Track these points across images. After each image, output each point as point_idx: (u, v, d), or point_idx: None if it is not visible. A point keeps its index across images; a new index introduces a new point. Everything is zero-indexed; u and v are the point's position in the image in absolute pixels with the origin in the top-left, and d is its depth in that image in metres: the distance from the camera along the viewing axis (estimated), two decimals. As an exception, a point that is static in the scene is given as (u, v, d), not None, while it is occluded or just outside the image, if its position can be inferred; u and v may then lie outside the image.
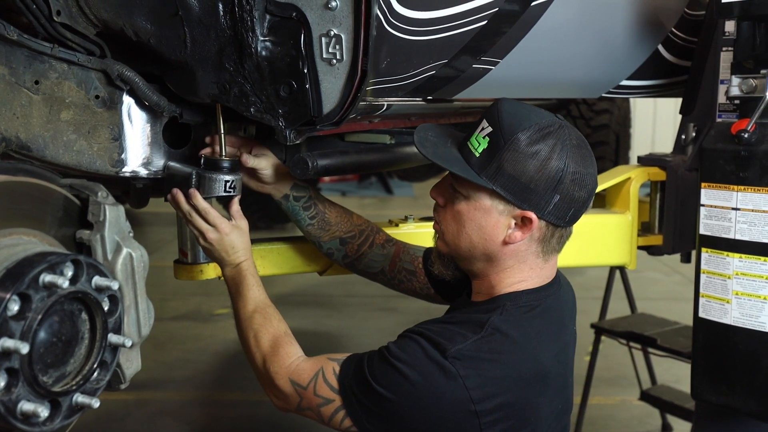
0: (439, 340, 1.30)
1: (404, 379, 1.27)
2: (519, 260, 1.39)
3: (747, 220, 1.79)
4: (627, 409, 3.86)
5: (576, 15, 1.97)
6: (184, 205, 1.59)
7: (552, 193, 1.32)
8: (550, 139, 1.32)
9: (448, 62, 1.73)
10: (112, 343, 1.07)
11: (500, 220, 1.35)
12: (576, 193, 1.34)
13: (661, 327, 3.13)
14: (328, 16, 1.45)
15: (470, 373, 1.27)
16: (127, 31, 1.51)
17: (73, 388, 1.03)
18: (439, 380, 1.26)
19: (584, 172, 1.35)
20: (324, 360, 1.41)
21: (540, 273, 1.42)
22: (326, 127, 1.56)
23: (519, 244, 1.37)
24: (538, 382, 1.34)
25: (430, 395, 1.27)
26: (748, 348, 1.80)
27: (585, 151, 1.37)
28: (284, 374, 1.43)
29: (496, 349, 1.30)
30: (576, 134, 1.38)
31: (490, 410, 1.28)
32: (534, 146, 1.31)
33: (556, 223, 1.37)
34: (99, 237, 1.11)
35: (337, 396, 1.35)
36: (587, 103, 4.04)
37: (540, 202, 1.33)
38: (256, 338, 1.51)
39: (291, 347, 1.48)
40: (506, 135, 1.32)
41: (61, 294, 0.98)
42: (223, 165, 1.61)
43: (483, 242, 1.37)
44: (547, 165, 1.31)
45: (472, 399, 1.26)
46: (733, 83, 1.87)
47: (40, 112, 1.53)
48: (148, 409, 3.91)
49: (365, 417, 1.33)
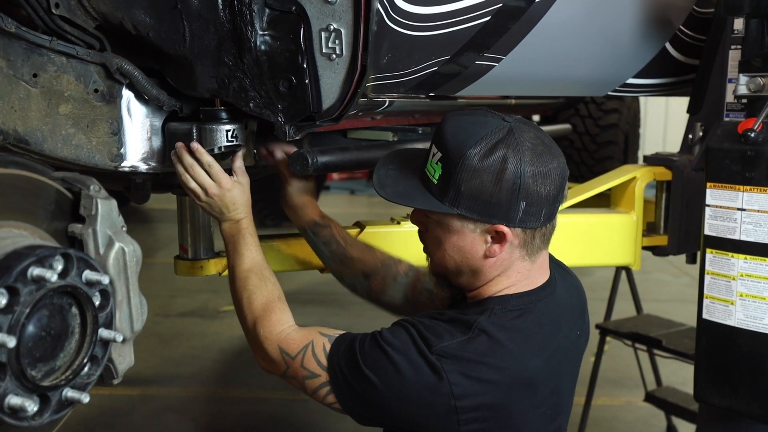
0: (428, 335, 1.31)
1: (392, 366, 1.29)
2: (505, 268, 1.39)
3: (753, 221, 1.76)
4: (632, 411, 3.83)
5: (581, 11, 1.95)
6: (187, 158, 1.54)
7: (517, 201, 1.30)
8: (500, 149, 1.30)
9: (451, 58, 1.71)
10: (103, 338, 1.06)
11: (475, 238, 1.35)
12: (543, 192, 1.32)
13: (667, 328, 3.11)
14: (327, 11, 1.44)
15: (453, 370, 1.28)
16: (126, 25, 1.50)
17: (63, 382, 1.02)
18: (424, 372, 1.28)
19: (545, 170, 1.32)
20: (315, 333, 1.41)
21: (528, 275, 1.41)
22: (326, 122, 1.55)
23: (501, 255, 1.36)
24: (522, 387, 1.33)
25: (413, 386, 1.28)
26: (752, 350, 1.78)
27: (542, 149, 1.33)
28: (274, 340, 1.44)
29: (481, 350, 1.30)
30: (529, 134, 1.33)
31: (470, 408, 1.29)
32: (485, 161, 1.29)
33: (532, 226, 1.35)
34: (91, 231, 1.10)
35: (323, 372, 1.36)
36: (596, 102, 4.01)
37: (508, 213, 1.32)
38: (249, 299, 1.52)
39: (283, 314, 1.49)
40: (455, 157, 1.31)
41: (50, 288, 0.97)
42: (222, 115, 1.57)
43: (465, 260, 1.38)
44: (503, 176, 1.29)
45: (453, 394, 1.27)
46: (741, 82, 1.84)
47: (39, 106, 1.52)
48: (154, 404, 3.92)
49: (349, 396, 1.35)
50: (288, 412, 3.84)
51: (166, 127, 1.64)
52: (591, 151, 4.04)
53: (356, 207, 9.99)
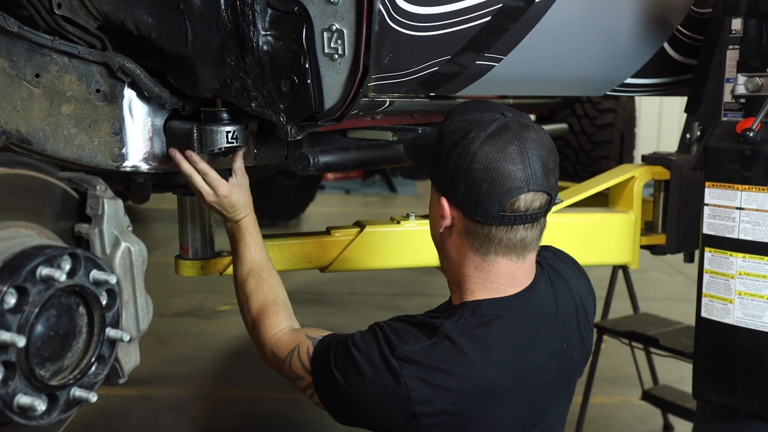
0: (393, 339, 1.31)
1: (355, 368, 1.31)
2: (459, 254, 1.37)
3: (751, 220, 1.77)
4: (629, 409, 3.84)
5: (581, 12, 1.96)
6: (185, 167, 1.58)
7: (460, 180, 1.29)
8: (477, 127, 1.29)
9: (452, 58, 1.72)
10: (110, 337, 1.07)
11: (437, 210, 1.37)
12: (482, 187, 1.27)
13: (664, 327, 3.12)
14: (330, 11, 1.44)
15: (412, 375, 1.27)
16: (128, 25, 1.51)
17: (71, 381, 1.02)
18: (384, 377, 1.29)
19: (501, 168, 1.26)
20: (302, 337, 1.46)
21: (491, 278, 1.36)
22: (328, 122, 1.55)
23: (453, 236, 1.35)
24: (485, 394, 1.31)
25: (373, 389, 1.30)
26: (751, 348, 1.79)
27: (513, 153, 1.27)
28: (266, 344, 1.51)
29: (443, 357, 1.29)
30: (517, 134, 1.28)
31: (429, 414, 1.28)
32: (453, 133, 1.32)
33: (472, 217, 1.31)
34: (97, 231, 1.10)
35: (306, 375, 1.40)
36: (592, 102, 4.03)
37: (450, 187, 1.31)
38: (247, 303, 1.57)
39: (275, 318, 1.53)
40: (443, 122, 1.37)
41: (58, 287, 0.97)
42: (223, 116, 1.59)
43: (433, 231, 1.43)
44: (456, 149, 1.29)
45: (411, 399, 1.27)
46: (739, 82, 1.85)
47: (41, 106, 1.52)
48: (151, 404, 3.92)
49: (327, 397, 1.38)
50: (285, 412, 3.84)
51: (167, 126, 1.64)
52: (587, 150, 4.06)
53: (351, 206, 9.99)
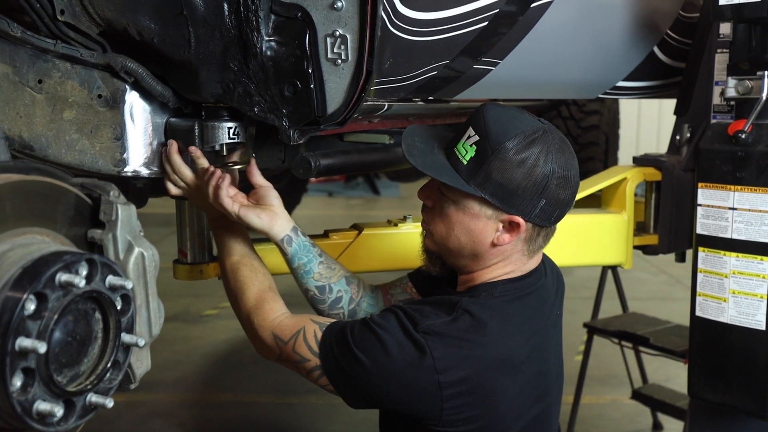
0: (414, 315, 1.37)
1: (379, 344, 1.34)
2: (504, 257, 1.45)
3: (744, 220, 1.81)
4: (618, 408, 3.89)
5: (574, 17, 1.99)
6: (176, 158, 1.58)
7: (539, 198, 1.37)
8: (535, 146, 1.36)
9: (450, 63, 1.74)
10: (124, 342, 1.07)
11: (488, 224, 1.41)
12: (561, 196, 1.40)
13: (653, 326, 3.16)
14: (333, 17, 1.45)
15: (437, 346, 1.33)
16: (130, 31, 1.51)
17: (88, 387, 1.02)
18: (409, 350, 1.33)
19: (568, 175, 1.40)
20: (307, 320, 1.47)
21: (522, 267, 1.48)
22: (330, 127, 1.56)
23: (507, 245, 1.43)
24: (504, 365, 1.39)
25: (399, 363, 1.33)
26: (745, 346, 1.82)
27: (568, 154, 1.41)
28: (267, 327, 1.49)
29: (464, 328, 1.36)
30: (559, 137, 1.41)
31: (453, 383, 1.34)
32: (521, 154, 1.36)
33: (541, 224, 1.43)
34: (111, 236, 1.10)
35: (313, 357, 1.41)
36: (577, 104, 4.07)
37: (527, 207, 1.38)
38: (242, 291, 1.56)
39: (275, 303, 1.53)
40: (493, 144, 1.36)
41: (76, 293, 0.97)
42: (224, 113, 1.59)
43: (472, 244, 1.43)
44: (533, 172, 1.36)
45: (436, 369, 1.32)
46: (729, 85, 1.89)
47: (43, 112, 1.52)
48: (139, 410, 3.90)
49: (340, 378, 1.40)
50: (275, 417, 3.84)
51: (168, 123, 1.64)
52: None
53: (334, 209, 9.99)
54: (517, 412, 1.42)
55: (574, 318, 3.88)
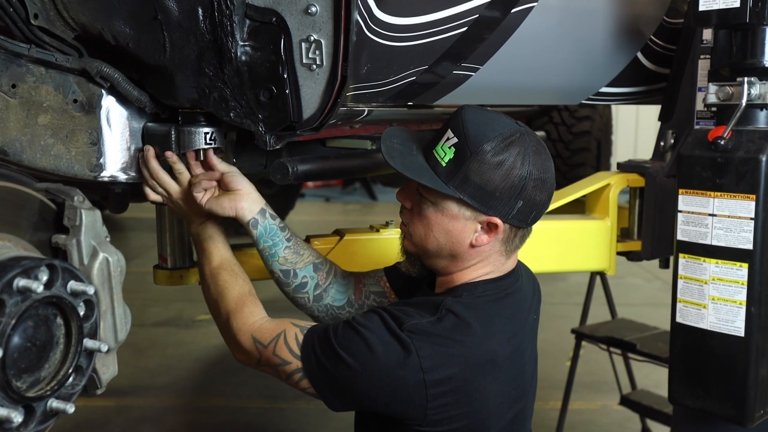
0: (399, 314, 1.38)
1: (364, 344, 1.34)
2: (482, 258, 1.47)
3: (723, 226, 1.80)
4: (607, 414, 3.88)
5: (556, 22, 1.99)
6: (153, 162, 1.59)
7: (516, 199, 1.40)
8: (513, 148, 1.38)
9: (429, 68, 1.74)
10: (87, 348, 1.07)
11: (467, 225, 1.43)
12: (538, 197, 1.42)
13: (641, 332, 3.16)
14: (308, 22, 1.45)
15: (423, 345, 1.34)
16: (105, 35, 1.51)
17: (48, 393, 1.02)
18: (395, 349, 1.34)
19: (545, 177, 1.42)
20: (287, 324, 1.46)
21: (500, 268, 1.50)
22: (306, 132, 1.56)
23: (485, 246, 1.45)
24: (488, 365, 1.40)
25: (384, 362, 1.33)
26: (725, 352, 1.81)
27: (544, 156, 1.43)
28: (247, 331, 1.48)
29: (449, 328, 1.37)
30: (536, 140, 1.43)
31: (438, 381, 1.34)
32: (498, 156, 1.37)
33: (518, 225, 1.45)
34: (75, 241, 1.10)
35: (294, 360, 1.40)
36: (569, 110, 4.06)
37: (505, 209, 1.40)
38: (221, 294, 1.55)
39: (255, 307, 1.52)
40: (472, 146, 1.38)
41: (35, 299, 0.97)
42: (201, 118, 1.59)
43: (450, 245, 1.45)
44: (511, 174, 1.38)
45: (422, 367, 1.33)
46: (710, 91, 1.88)
47: (17, 116, 1.52)
48: (129, 415, 3.89)
49: (323, 380, 1.39)
50: (265, 421, 3.83)
51: (144, 128, 1.64)
52: (564, 157, 4.09)
53: (331, 215, 9.99)
54: (498, 412, 1.44)
55: (567, 323, 3.87)
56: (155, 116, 1.65)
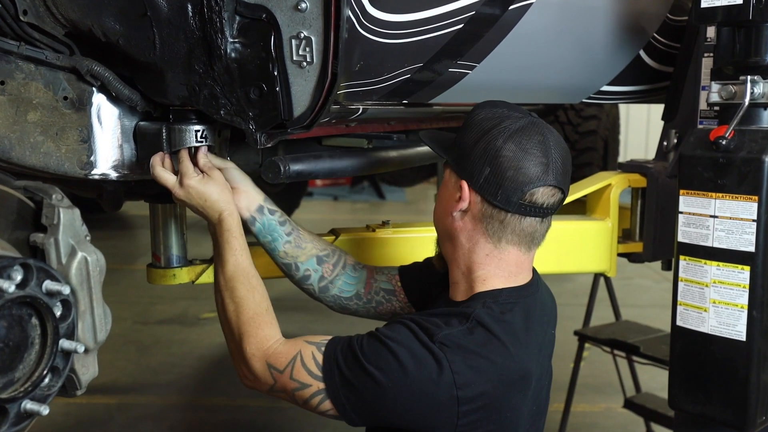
0: (428, 326, 1.32)
1: (394, 359, 1.28)
2: (470, 240, 1.43)
3: (725, 228, 1.77)
4: (611, 417, 3.84)
5: (555, 19, 1.96)
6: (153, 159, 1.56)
7: (484, 164, 1.37)
8: (505, 122, 1.39)
9: (424, 66, 1.71)
10: (64, 348, 1.05)
11: (453, 194, 1.43)
12: (508, 173, 1.36)
13: (645, 335, 3.12)
14: (298, 18, 1.43)
15: (456, 359, 1.29)
16: (95, 32, 1.49)
17: (21, 394, 1.00)
18: (427, 363, 1.28)
19: (521, 165, 1.36)
20: (302, 343, 1.39)
21: (501, 266, 1.42)
22: (297, 130, 1.54)
23: (465, 221, 1.41)
24: (519, 381, 1.36)
25: (416, 377, 1.27)
26: (725, 357, 1.78)
27: (535, 151, 1.37)
28: (261, 357, 1.40)
29: (481, 342, 1.32)
30: (540, 130, 1.39)
31: (470, 399, 1.29)
32: (486, 123, 1.40)
33: (490, 201, 1.38)
34: (53, 240, 1.08)
35: (314, 381, 1.34)
36: (575, 109, 4.04)
37: (474, 171, 1.38)
38: (236, 312, 1.45)
39: (271, 328, 1.44)
40: (469, 115, 1.45)
41: (7, 298, 0.95)
42: (191, 115, 1.57)
43: (441, 217, 1.46)
44: (487, 137, 1.38)
45: (455, 384, 1.28)
46: (713, 89, 1.85)
47: (6, 113, 1.51)
48: (131, 413, 3.89)
49: (348, 398, 1.32)
50: (267, 420, 3.82)
51: (136, 127, 1.62)
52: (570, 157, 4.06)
53: (339, 213, 9.98)
54: (524, 428, 1.40)
55: (572, 325, 3.84)
56: (148, 114, 1.64)
